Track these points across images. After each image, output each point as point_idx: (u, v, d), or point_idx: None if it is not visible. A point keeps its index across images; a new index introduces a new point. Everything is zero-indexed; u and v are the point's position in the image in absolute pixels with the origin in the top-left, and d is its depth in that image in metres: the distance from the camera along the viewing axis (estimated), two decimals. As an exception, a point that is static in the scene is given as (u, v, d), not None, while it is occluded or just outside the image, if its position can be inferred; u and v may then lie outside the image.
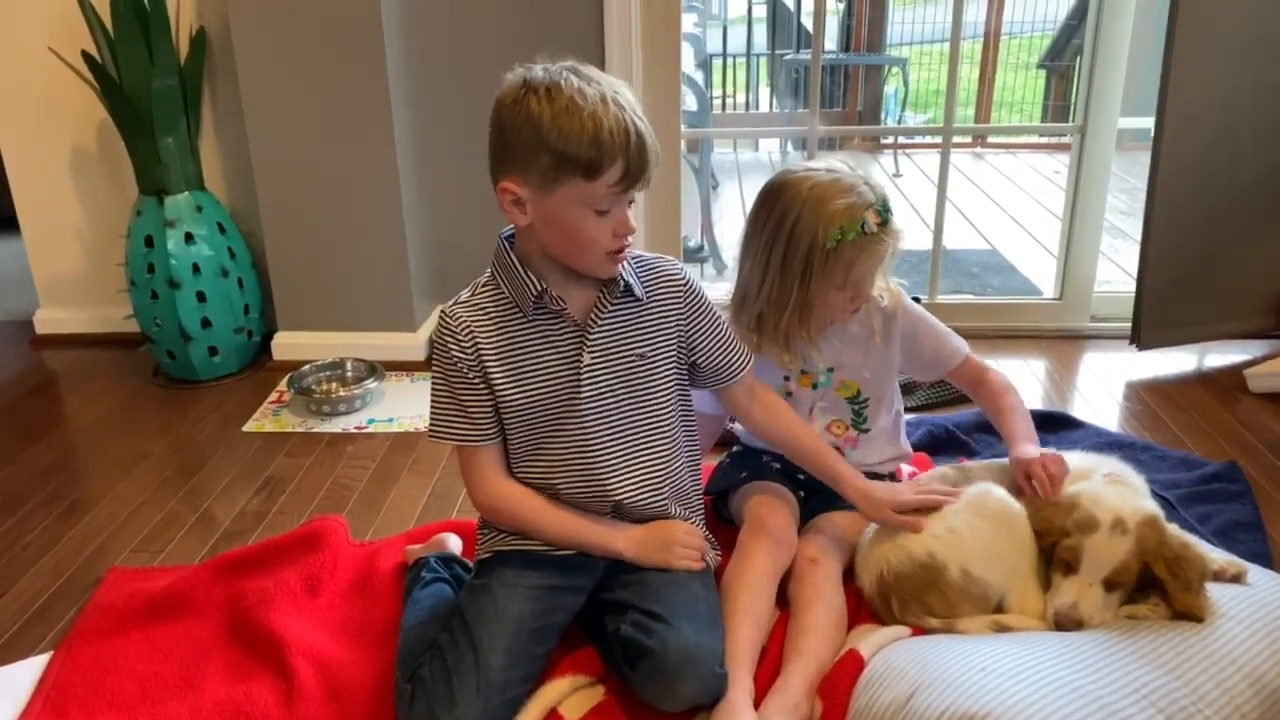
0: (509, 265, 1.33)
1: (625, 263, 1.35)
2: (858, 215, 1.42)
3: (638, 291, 1.37)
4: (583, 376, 1.35)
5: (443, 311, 1.36)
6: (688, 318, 1.42)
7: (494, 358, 1.34)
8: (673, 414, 1.44)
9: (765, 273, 1.49)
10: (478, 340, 1.34)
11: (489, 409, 1.36)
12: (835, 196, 1.43)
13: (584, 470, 1.39)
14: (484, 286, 1.37)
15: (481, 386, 1.35)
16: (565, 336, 1.35)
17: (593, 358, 1.35)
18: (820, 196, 1.43)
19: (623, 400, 1.38)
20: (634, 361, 1.38)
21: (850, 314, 1.54)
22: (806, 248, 1.43)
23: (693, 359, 1.44)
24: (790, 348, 1.54)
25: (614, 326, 1.37)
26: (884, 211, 1.44)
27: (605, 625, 1.35)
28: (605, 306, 1.35)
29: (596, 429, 1.37)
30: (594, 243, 1.27)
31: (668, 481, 1.43)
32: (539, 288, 1.31)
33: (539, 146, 1.21)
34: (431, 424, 1.38)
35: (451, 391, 1.36)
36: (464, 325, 1.34)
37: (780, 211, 1.46)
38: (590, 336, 1.34)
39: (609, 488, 1.39)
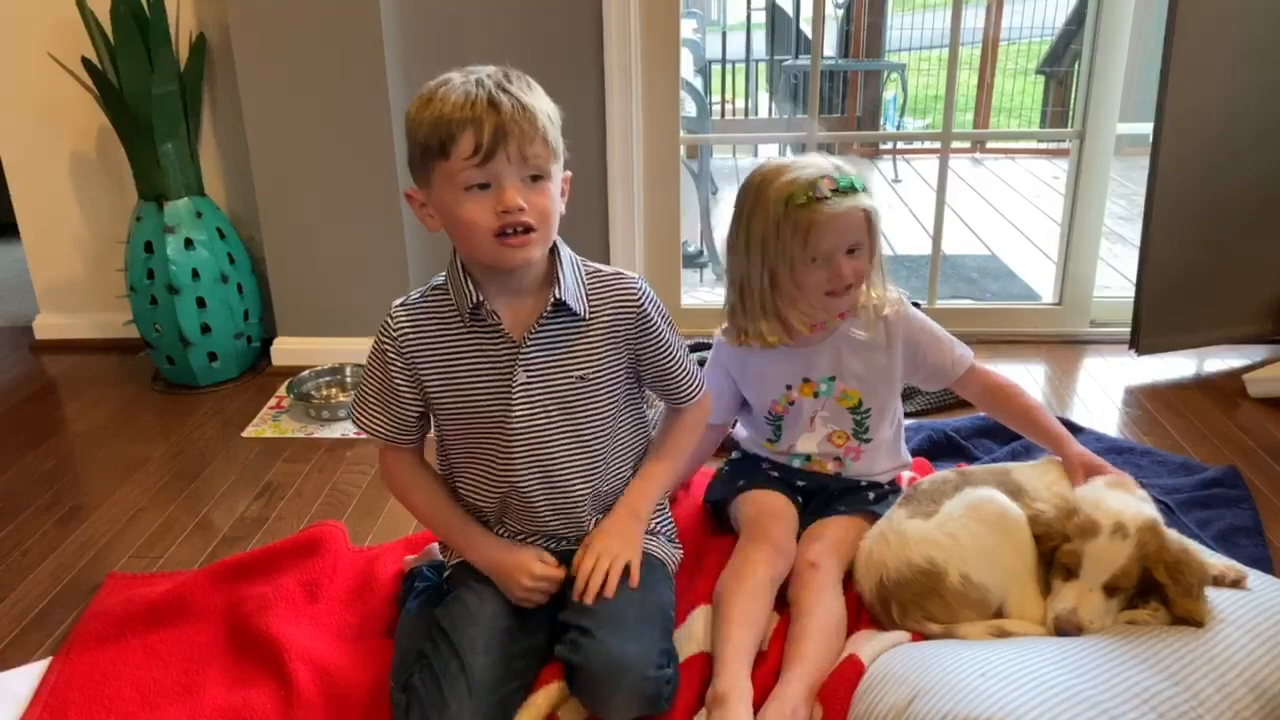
0: (454, 271, 1.32)
1: (569, 276, 1.31)
2: (806, 183, 1.43)
3: (576, 308, 1.31)
4: (515, 395, 1.32)
5: (390, 309, 1.35)
6: (636, 337, 1.37)
7: (429, 364, 1.33)
8: (616, 440, 1.40)
9: (743, 263, 1.51)
10: (414, 346, 1.33)
11: (411, 414, 1.36)
12: (786, 172, 1.46)
13: (512, 495, 1.37)
14: (436, 288, 1.35)
15: (405, 392, 1.34)
16: (501, 352, 1.32)
17: (528, 376, 1.31)
18: (772, 178, 1.46)
19: (558, 423, 1.34)
20: (574, 384, 1.34)
21: (835, 298, 1.49)
22: (760, 224, 1.46)
23: (638, 374, 1.42)
24: (773, 323, 1.52)
25: (552, 345, 1.32)
26: (840, 180, 1.44)
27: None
28: (540, 323, 1.30)
29: (526, 451, 1.34)
30: (474, 225, 1.21)
31: (602, 512, 1.42)
32: (475, 299, 1.28)
33: (410, 143, 1.25)
34: (354, 407, 1.40)
35: (377, 388, 1.36)
36: (404, 330, 1.33)
37: (741, 201, 1.50)
38: (524, 354, 1.31)
39: (539, 513, 1.38)
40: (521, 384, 1.31)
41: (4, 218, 2.87)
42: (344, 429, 2.28)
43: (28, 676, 1.46)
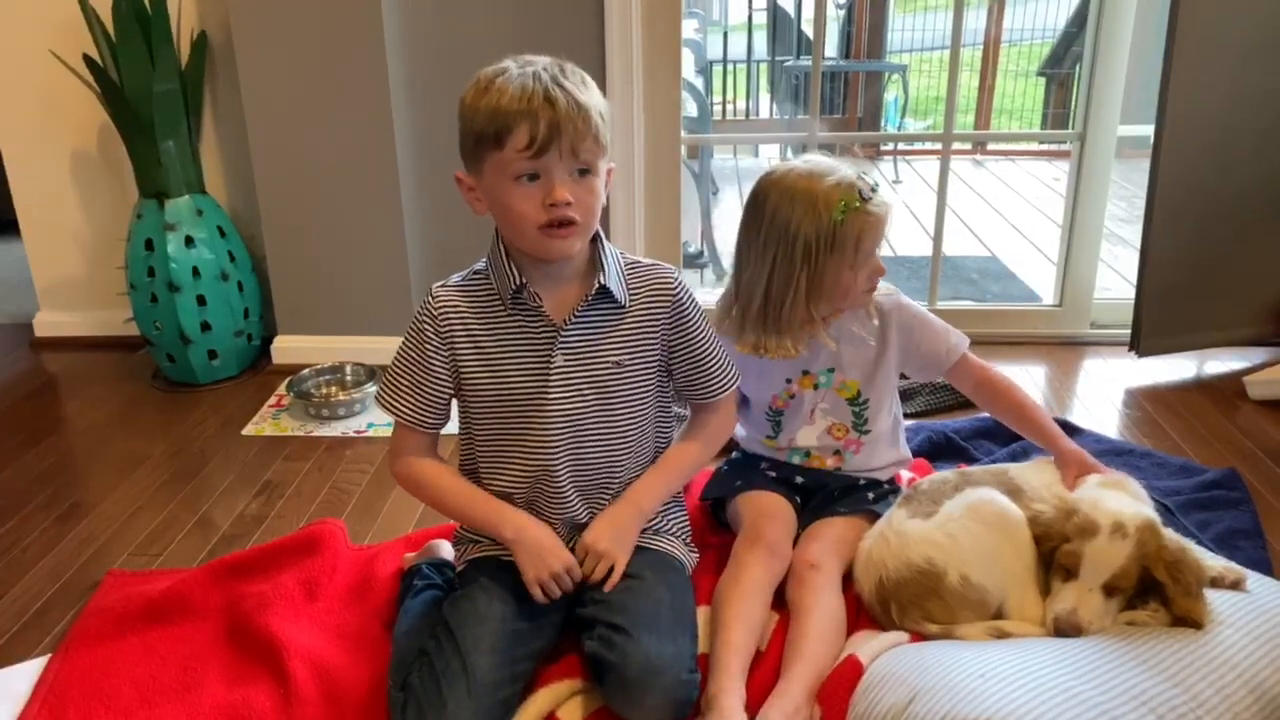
0: (496, 254, 1.34)
1: (611, 265, 1.35)
2: (850, 186, 1.44)
3: (618, 295, 1.35)
4: (552, 377, 1.34)
5: (431, 289, 1.38)
6: (672, 328, 1.40)
7: (468, 345, 1.35)
8: (646, 429, 1.43)
9: (772, 269, 1.48)
10: (454, 327, 1.35)
11: (440, 396, 1.38)
12: (822, 177, 1.46)
13: (544, 479, 1.38)
14: (477, 272, 1.38)
15: (438, 371, 1.36)
16: (541, 334, 1.34)
17: (565, 359, 1.34)
18: (808, 185, 1.45)
19: (593, 407, 1.37)
20: (610, 369, 1.36)
21: (869, 294, 1.54)
22: (811, 230, 1.44)
23: (670, 367, 1.44)
24: (800, 336, 1.52)
25: (591, 330, 1.35)
26: (870, 180, 1.47)
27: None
28: (582, 308, 1.34)
29: (560, 434, 1.36)
30: (522, 215, 1.25)
31: None
32: (518, 281, 1.31)
33: (464, 129, 1.27)
34: (381, 388, 1.40)
35: (410, 369, 1.37)
36: (444, 309, 1.35)
37: (773, 208, 1.47)
38: (564, 337, 1.33)
39: (568, 498, 1.39)
40: (559, 367, 1.34)
41: (5, 215, 2.87)
42: (343, 427, 2.29)
43: (26, 673, 1.46)
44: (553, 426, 1.36)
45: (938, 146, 2.91)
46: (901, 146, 5.69)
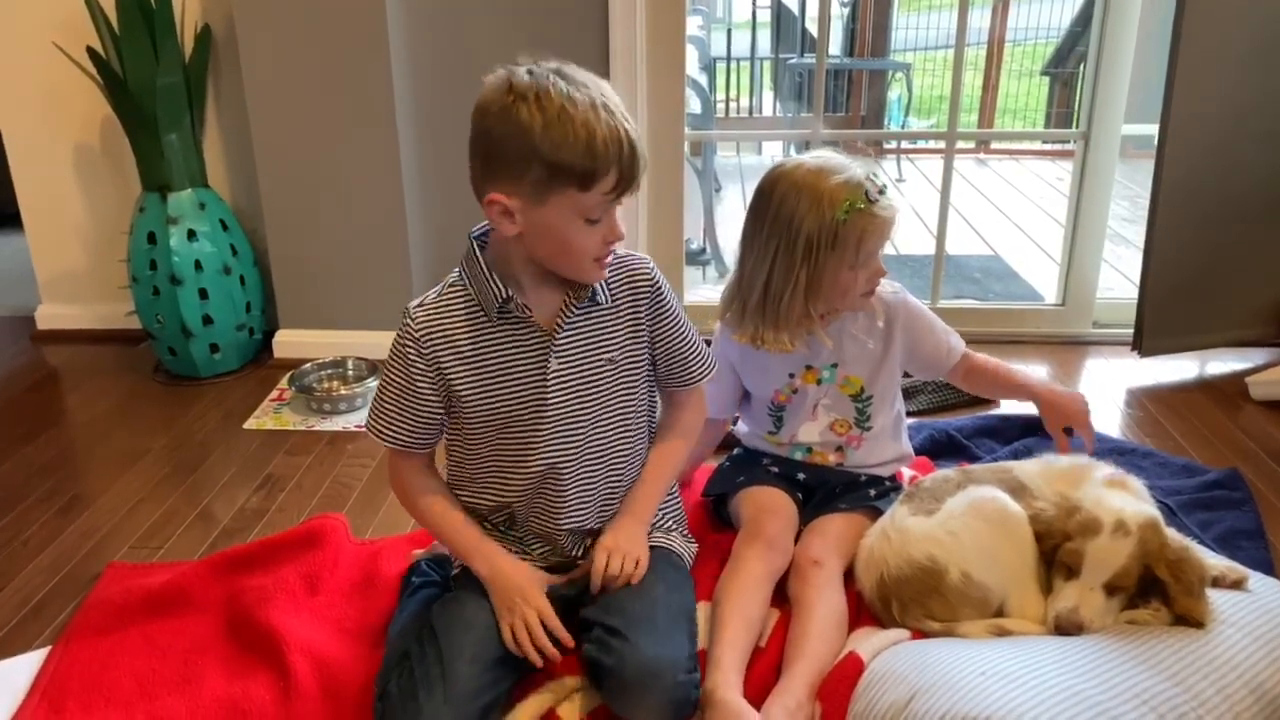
0: (477, 268, 1.30)
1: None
2: (858, 186, 1.43)
3: (601, 295, 1.34)
4: (550, 383, 1.32)
5: (406, 312, 1.33)
6: (652, 315, 1.39)
7: (457, 363, 1.32)
8: (643, 422, 1.43)
9: (773, 262, 1.47)
10: (438, 348, 1.31)
11: (432, 418, 1.35)
12: (830, 175, 1.44)
13: (545, 484, 1.37)
14: (453, 285, 1.34)
15: (428, 394, 1.33)
16: (532, 342, 1.32)
17: (561, 363, 1.32)
18: (815, 180, 1.44)
19: (592, 407, 1.36)
20: (604, 367, 1.35)
21: (867, 296, 1.53)
22: (814, 227, 1.43)
23: (653, 356, 1.42)
24: (797, 332, 1.52)
25: (582, 332, 1.34)
26: (879, 181, 1.46)
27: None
28: (571, 312, 1.31)
29: (562, 438, 1.35)
30: (584, 251, 1.25)
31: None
32: (504, 294, 1.28)
33: (531, 157, 1.17)
34: (371, 418, 1.36)
35: (398, 395, 1.33)
36: (424, 332, 1.31)
37: (779, 200, 1.46)
38: (557, 343, 1.32)
39: (571, 502, 1.38)
40: (555, 371, 1.32)
41: (7, 207, 2.87)
42: (345, 422, 2.28)
43: (26, 666, 1.46)
44: (553, 432, 1.35)
45: (941, 145, 2.90)
46: (905, 145, 5.68)
